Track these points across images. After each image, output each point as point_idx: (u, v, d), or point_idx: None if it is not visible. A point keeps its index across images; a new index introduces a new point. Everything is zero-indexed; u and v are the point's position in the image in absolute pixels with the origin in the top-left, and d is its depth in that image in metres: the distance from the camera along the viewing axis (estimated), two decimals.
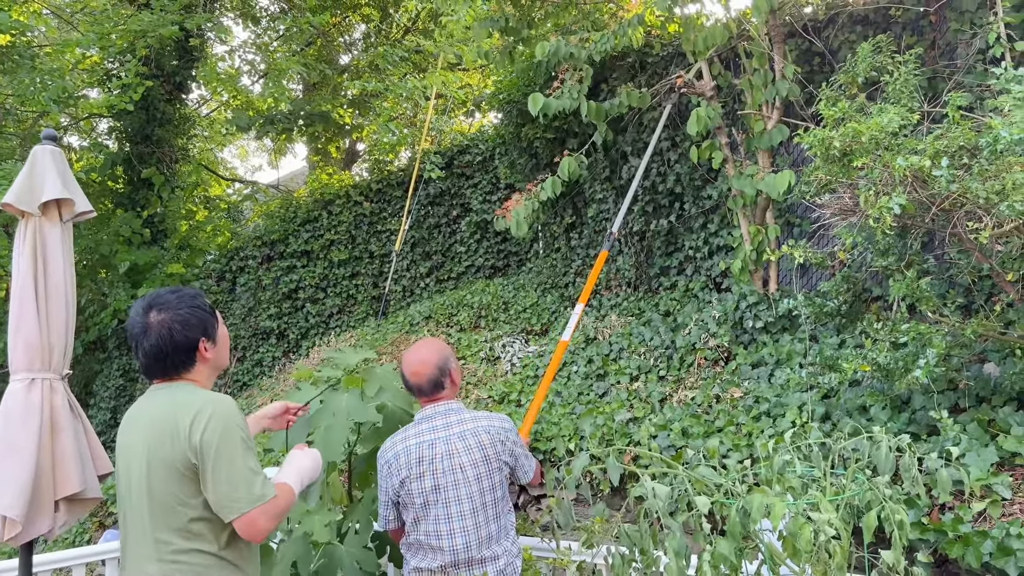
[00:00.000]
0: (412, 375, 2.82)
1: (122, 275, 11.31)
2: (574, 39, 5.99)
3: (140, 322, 2.25)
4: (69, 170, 2.93)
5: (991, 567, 3.01)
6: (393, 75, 12.88)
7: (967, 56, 4.73)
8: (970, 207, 3.25)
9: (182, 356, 2.26)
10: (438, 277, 10.75)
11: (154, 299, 2.29)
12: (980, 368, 4.14)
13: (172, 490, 2.13)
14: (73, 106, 11.86)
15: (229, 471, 2.11)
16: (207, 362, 2.33)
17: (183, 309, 2.28)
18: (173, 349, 2.24)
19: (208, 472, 2.11)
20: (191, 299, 2.32)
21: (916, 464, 2.25)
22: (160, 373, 2.28)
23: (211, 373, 2.38)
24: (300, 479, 2.39)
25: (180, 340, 2.24)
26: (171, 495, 2.13)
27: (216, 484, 2.11)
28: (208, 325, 2.33)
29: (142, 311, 2.27)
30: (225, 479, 2.11)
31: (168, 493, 2.13)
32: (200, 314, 2.31)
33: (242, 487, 2.11)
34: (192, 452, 2.11)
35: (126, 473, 2.23)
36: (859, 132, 3.37)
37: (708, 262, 6.66)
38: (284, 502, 2.23)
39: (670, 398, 5.52)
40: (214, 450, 2.10)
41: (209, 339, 2.32)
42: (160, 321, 2.24)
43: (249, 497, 2.12)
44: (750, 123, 5.71)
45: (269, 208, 12.86)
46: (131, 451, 2.21)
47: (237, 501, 2.11)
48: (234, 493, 2.11)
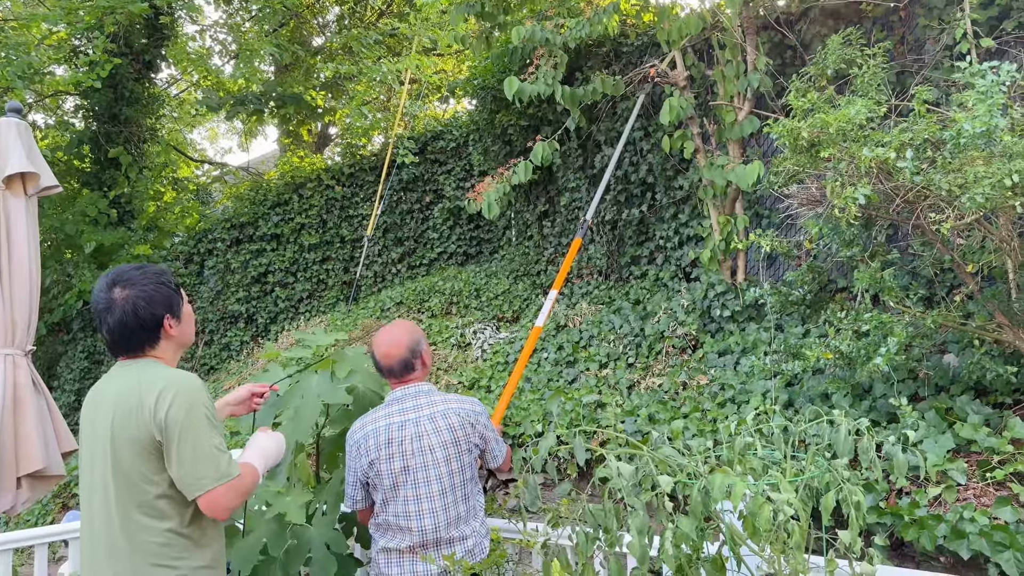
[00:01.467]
0: (383, 356, 2.82)
1: (88, 256, 11.14)
2: (549, 25, 5.99)
3: (104, 298, 2.23)
4: (35, 144, 2.88)
5: (944, 549, 3.09)
6: (367, 58, 12.77)
7: (934, 52, 4.81)
8: (933, 199, 3.31)
9: (146, 333, 2.25)
10: (410, 263, 10.72)
11: (118, 275, 2.27)
12: (940, 358, 4.23)
13: (138, 467, 2.12)
14: (39, 83, 11.61)
15: (194, 449, 2.11)
16: (172, 339, 2.32)
17: (148, 285, 2.26)
18: (137, 326, 2.22)
19: (173, 449, 2.10)
20: (156, 275, 2.30)
21: (874, 447, 2.31)
22: (124, 350, 2.26)
23: (176, 350, 2.36)
24: (264, 461, 2.39)
25: (145, 317, 2.23)
26: (137, 472, 2.13)
27: (181, 462, 2.10)
28: (173, 302, 2.31)
29: (106, 287, 2.25)
30: (190, 457, 2.10)
31: (134, 470, 2.13)
32: (165, 291, 2.30)
33: (207, 465, 2.11)
34: (157, 429, 2.10)
35: (90, 451, 2.22)
36: (827, 123, 3.42)
37: (678, 252, 6.72)
38: (249, 481, 2.23)
39: (638, 385, 5.58)
40: (179, 427, 2.10)
41: (174, 316, 2.30)
42: (124, 297, 2.22)
43: (214, 475, 2.11)
44: (722, 114, 5.76)
45: (239, 190, 12.73)
46: (95, 429, 2.20)
47: (202, 479, 2.11)
48: (199, 471, 2.10)
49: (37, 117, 13.69)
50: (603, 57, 7.01)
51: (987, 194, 2.93)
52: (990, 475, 3.32)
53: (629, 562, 2.80)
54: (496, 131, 8.17)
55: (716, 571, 2.34)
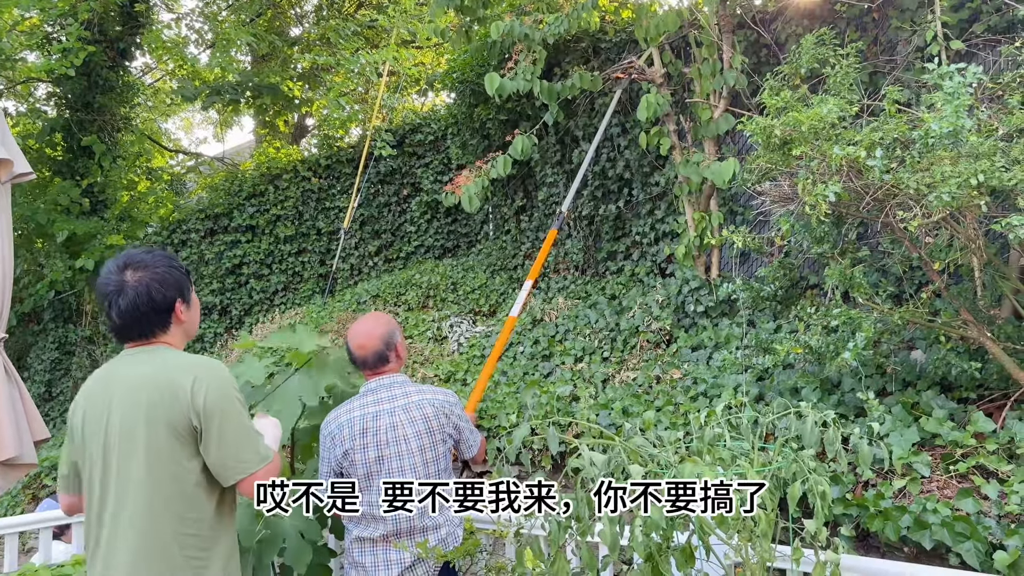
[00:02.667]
0: (357, 348, 2.83)
1: (59, 245, 10.98)
2: (528, 20, 6.01)
3: (115, 280, 2.18)
4: (8, 130, 2.86)
5: (908, 540, 3.17)
6: (345, 49, 12.70)
7: (906, 53, 4.90)
8: (901, 198, 3.38)
9: (158, 316, 2.21)
10: (387, 256, 10.70)
11: (129, 258, 2.23)
12: (908, 354, 4.32)
13: (174, 454, 2.08)
14: (10, 69, 11.43)
15: (236, 432, 2.12)
16: (181, 325, 2.28)
17: (160, 268, 2.23)
18: (150, 308, 2.18)
19: (213, 434, 2.09)
20: (167, 259, 2.28)
21: (839, 439, 2.36)
22: (135, 334, 2.21)
23: (183, 338, 2.32)
24: (275, 445, 2.42)
25: (158, 299, 2.19)
26: (172, 459, 2.08)
27: (223, 446, 2.10)
28: (183, 286, 2.29)
29: (117, 269, 2.20)
30: (233, 440, 2.11)
31: (170, 458, 2.08)
32: (177, 274, 2.27)
33: (249, 448, 2.14)
34: (195, 415, 2.07)
35: (104, 436, 2.13)
36: (799, 121, 3.48)
37: (654, 248, 6.78)
38: (278, 463, 2.27)
39: (612, 379, 5.63)
40: (220, 411, 2.09)
41: (185, 301, 2.28)
42: (138, 279, 2.18)
43: (256, 457, 2.15)
44: (698, 111, 5.81)
45: (213, 181, 12.60)
46: (112, 413, 2.12)
47: (245, 462, 2.13)
48: (243, 454, 2.13)
49: (8, 104, 13.47)
50: (582, 53, 7.04)
51: (953, 193, 3.00)
52: (953, 468, 3.40)
53: (600, 551, 2.84)
54: (474, 125, 8.18)
55: (685, 559, 2.39)
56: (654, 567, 2.34)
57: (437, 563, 2.69)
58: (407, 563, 2.65)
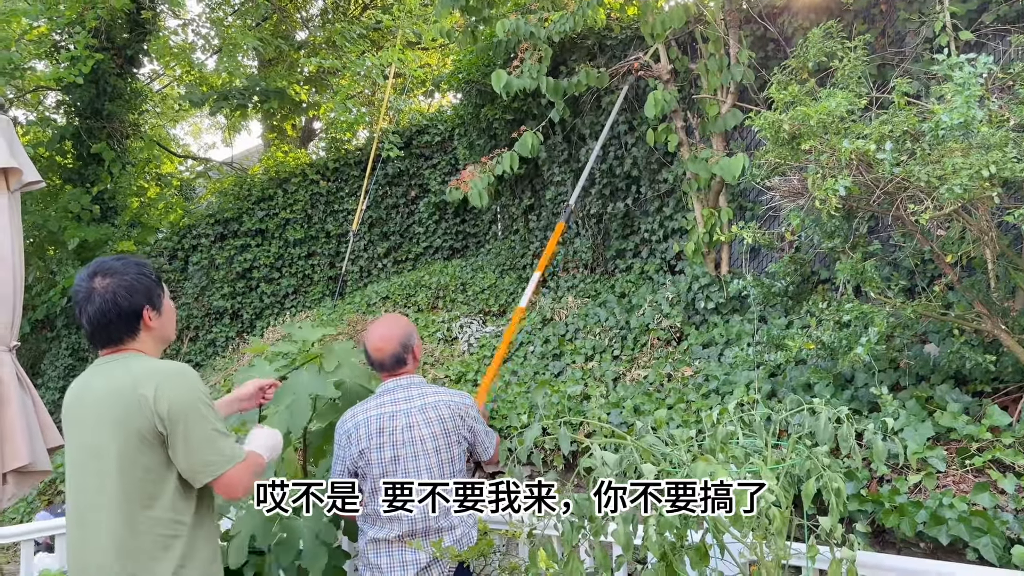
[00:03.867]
0: (375, 350, 2.84)
1: (71, 252, 11.07)
2: (533, 18, 6.00)
3: (85, 287, 2.23)
4: (17, 139, 2.87)
5: (924, 535, 3.14)
6: (351, 52, 12.73)
7: (914, 45, 4.86)
8: (912, 191, 3.35)
9: (126, 323, 2.25)
10: (396, 258, 10.71)
11: (99, 265, 2.28)
12: (921, 348, 4.29)
13: (142, 461, 2.12)
14: (19, 78, 11.51)
15: (199, 436, 2.14)
16: (151, 331, 2.31)
17: (128, 275, 2.26)
18: (116, 315, 2.22)
19: (178, 439, 2.12)
20: (136, 266, 2.31)
21: (853, 435, 2.34)
22: (105, 340, 2.26)
23: (156, 345, 2.35)
24: (268, 452, 2.43)
25: (124, 306, 2.22)
26: (141, 466, 2.13)
27: (188, 450, 2.13)
28: (153, 293, 2.31)
29: (87, 277, 2.25)
30: (196, 445, 2.13)
31: (138, 465, 2.12)
32: (145, 281, 2.29)
33: (213, 450, 2.15)
34: (159, 421, 2.11)
35: (79, 448, 2.20)
36: (808, 115, 3.45)
37: (663, 245, 6.76)
38: (258, 462, 2.30)
39: (623, 377, 5.62)
40: (181, 416, 2.12)
41: (154, 308, 2.30)
42: (104, 286, 2.22)
43: (222, 459, 2.16)
44: (705, 107, 5.79)
45: (223, 186, 12.65)
46: (86, 426, 2.18)
47: (211, 464, 2.15)
48: (207, 457, 2.14)
49: (18, 113, 13.56)
50: (587, 50, 7.03)
51: (965, 185, 2.97)
52: (969, 462, 3.37)
53: (614, 550, 2.83)
54: (481, 125, 8.18)
55: (699, 558, 2.38)
56: (668, 566, 2.32)
57: (452, 564, 2.68)
58: (423, 564, 2.65)
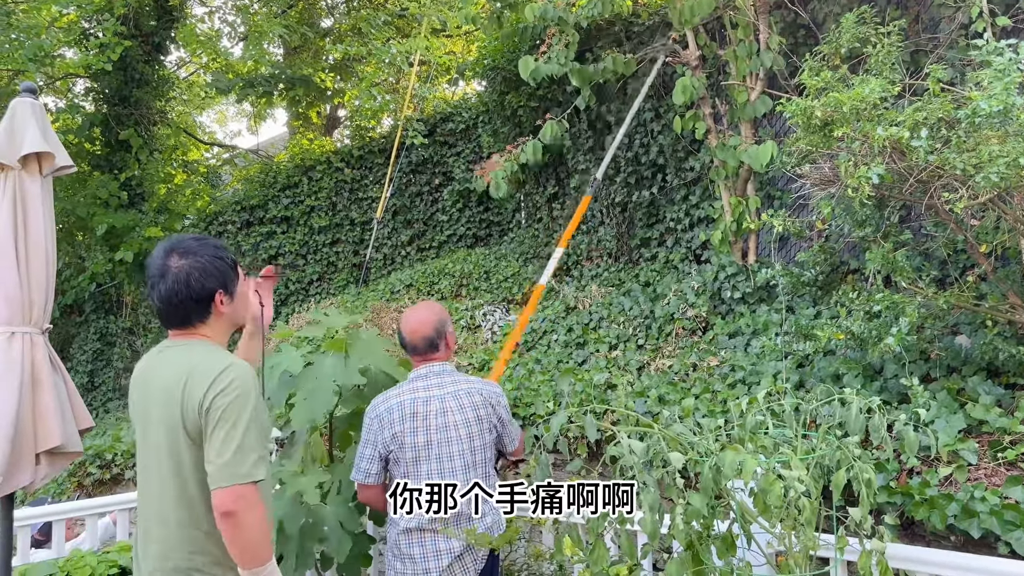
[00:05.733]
0: (409, 333, 2.87)
1: (99, 238, 11.19)
2: (561, 3, 5.96)
3: (160, 264, 2.17)
4: (49, 124, 2.90)
5: (955, 528, 3.10)
6: (376, 39, 12.73)
7: (949, 30, 4.76)
8: (947, 179, 3.29)
9: (196, 306, 2.18)
10: (420, 245, 10.73)
11: (177, 243, 2.21)
12: (952, 339, 4.22)
13: (194, 452, 2.07)
14: (49, 65, 11.63)
15: (226, 438, 2.01)
16: (222, 316, 2.25)
17: (204, 257, 2.19)
18: (188, 297, 2.15)
19: (209, 435, 2.03)
20: (214, 248, 2.23)
21: (885, 426, 2.31)
22: (175, 321, 2.20)
23: (226, 330, 2.29)
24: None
25: (196, 288, 2.16)
26: (192, 456, 2.08)
27: (210, 448, 2.02)
28: (228, 278, 2.24)
29: (163, 254, 2.18)
30: (219, 445, 2.01)
31: (190, 453, 2.08)
32: (221, 265, 2.22)
33: (233, 457, 2.00)
34: (201, 415, 2.04)
35: (143, 431, 2.16)
36: (840, 102, 3.40)
37: (688, 234, 6.70)
38: (262, 509, 2.06)
39: (648, 366, 5.59)
40: (220, 414, 2.02)
41: (227, 292, 2.24)
42: (179, 267, 2.15)
43: (235, 472, 1.99)
44: (734, 94, 5.72)
45: (249, 173, 12.73)
46: (149, 411, 2.15)
47: (223, 469, 2.00)
48: (220, 459, 2.00)
49: (47, 100, 13.71)
50: (614, 36, 6.97)
51: (1002, 173, 2.91)
52: (1001, 455, 3.32)
53: (639, 539, 2.82)
54: (506, 112, 8.15)
55: (726, 548, 2.36)
56: (695, 555, 2.31)
57: (484, 552, 2.69)
58: (456, 552, 2.65)
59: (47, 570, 3.17)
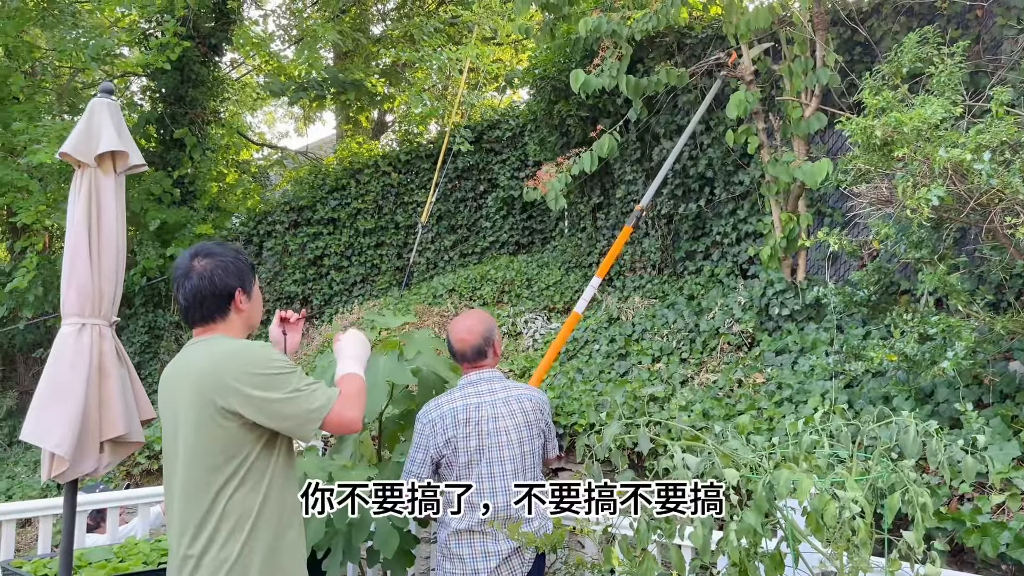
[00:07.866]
0: (458, 341, 2.93)
1: (151, 233, 11.45)
2: (615, 16, 5.98)
3: (185, 266, 2.37)
4: (124, 123, 3.01)
5: (1007, 557, 3.05)
6: (427, 46, 12.87)
7: (1012, 52, 4.69)
8: (1008, 203, 3.25)
9: (218, 302, 2.36)
10: (462, 251, 10.80)
11: (201, 248, 2.43)
12: (1006, 365, 4.15)
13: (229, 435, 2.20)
14: (110, 64, 11.96)
15: (284, 401, 2.19)
16: (241, 313, 2.41)
17: (226, 258, 2.39)
18: (211, 293, 2.34)
19: (261, 413, 2.18)
20: (234, 251, 2.45)
21: (943, 450, 2.29)
22: (197, 318, 2.37)
23: (242, 330, 2.45)
24: (358, 362, 2.50)
25: (219, 284, 2.34)
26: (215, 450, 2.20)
27: (281, 415, 2.19)
28: (246, 277, 2.43)
29: (189, 257, 2.39)
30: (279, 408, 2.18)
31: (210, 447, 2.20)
32: (240, 264, 2.42)
33: (300, 406, 2.20)
34: (236, 399, 2.17)
35: (172, 427, 2.30)
36: (901, 122, 3.37)
37: (735, 248, 6.67)
38: (355, 387, 2.36)
39: (691, 380, 5.57)
40: (260, 390, 2.17)
41: (245, 291, 2.41)
42: (203, 266, 2.35)
43: (310, 411, 2.21)
44: (787, 110, 5.69)
45: (298, 174, 12.93)
46: (177, 407, 2.28)
47: (307, 418, 2.20)
48: (303, 415, 2.20)
49: None
50: (666, 48, 6.97)
51: None
52: None
53: (687, 553, 2.83)
54: (554, 121, 8.18)
55: (775, 566, 2.36)
56: (742, 572, 2.31)
57: (531, 555, 2.73)
58: (504, 554, 2.70)
59: (103, 555, 3.27)
